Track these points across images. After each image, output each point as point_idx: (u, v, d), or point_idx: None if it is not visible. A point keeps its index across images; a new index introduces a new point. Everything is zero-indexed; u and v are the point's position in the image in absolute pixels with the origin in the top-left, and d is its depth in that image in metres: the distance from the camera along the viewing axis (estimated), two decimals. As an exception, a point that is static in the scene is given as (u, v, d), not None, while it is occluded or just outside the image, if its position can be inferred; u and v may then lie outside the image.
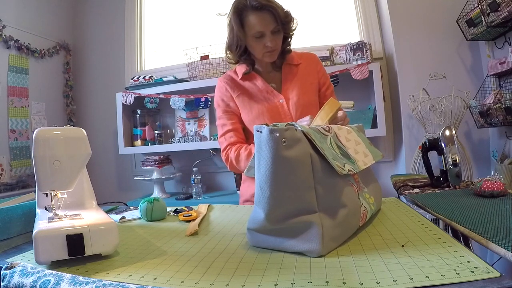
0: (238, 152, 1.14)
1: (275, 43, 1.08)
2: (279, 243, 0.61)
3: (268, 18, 1.04)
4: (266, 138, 0.56)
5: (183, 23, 2.73)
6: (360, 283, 0.45)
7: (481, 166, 2.04)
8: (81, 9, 2.89)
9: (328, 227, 0.58)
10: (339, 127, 0.74)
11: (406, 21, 2.11)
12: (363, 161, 0.71)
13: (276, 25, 1.05)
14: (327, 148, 0.62)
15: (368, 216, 0.70)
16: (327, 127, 0.68)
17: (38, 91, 2.52)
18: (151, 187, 2.50)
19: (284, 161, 0.56)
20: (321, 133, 0.64)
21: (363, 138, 0.80)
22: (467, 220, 0.73)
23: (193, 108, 2.47)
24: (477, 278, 0.44)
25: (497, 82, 1.88)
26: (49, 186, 0.67)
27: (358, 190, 0.69)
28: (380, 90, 2.02)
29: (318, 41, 2.39)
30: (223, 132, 1.20)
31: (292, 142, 0.56)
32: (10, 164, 2.27)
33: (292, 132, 0.57)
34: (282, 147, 0.55)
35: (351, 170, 0.63)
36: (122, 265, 0.58)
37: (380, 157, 0.80)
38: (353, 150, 0.71)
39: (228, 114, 1.21)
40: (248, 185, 1.24)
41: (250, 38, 1.08)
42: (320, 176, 0.59)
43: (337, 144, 0.67)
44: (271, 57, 1.12)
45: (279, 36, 1.10)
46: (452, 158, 1.09)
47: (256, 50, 1.11)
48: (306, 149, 0.58)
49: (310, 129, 0.63)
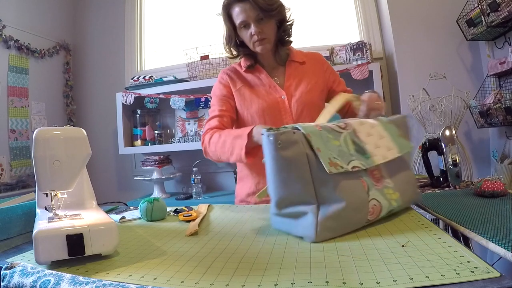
0: (211, 135, 1.10)
1: (260, 31, 1.08)
2: (287, 227, 0.71)
3: (249, 7, 1.06)
4: (265, 141, 0.66)
5: (183, 23, 2.73)
6: (360, 283, 0.45)
7: (481, 166, 2.04)
8: (81, 9, 2.89)
9: (323, 218, 0.65)
10: (361, 122, 0.77)
11: (406, 21, 2.11)
12: (383, 155, 0.73)
13: (258, 13, 1.06)
14: (324, 149, 0.67)
15: (384, 211, 0.71)
16: (344, 124, 0.74)
17: (38, 91, 2.52)
18: (151, 187, 2.50)
19: (280, 160, 0.65)
20: (335, 131, 0.71)
21: (392, 131, 0.79)
22: (467, 220, 0.73)
23: (193, 108, 2.47)
24: (477, 278, 0.44)
25: (497, 82, 1.88)
26: (49, 186, 0.67)
27: (372, 185, 0.70)
28: (380, 90, 2.01)
29: (318, 41, 2.39)
30: (209, 118, 1.18)
31: (287, 144, 0.65)
32: (10, 164, 2.27)
33: (287, 135, 0.65)
34: (277, 148, 0.64)
35: (358, 166, 0.68)
36: (122, 265, 0.58)
37: (409, 149, 0.80)
38: (373, 145, 0.74)
39: (221, 101, 1.18)
40: (242, 185, 1.23)
41: (239, 30, 1.12)
42: (318, 172, 0.66)
43: (354, 140, 0.72)
44: (261, 47, 1.11)
45: (267, 25, 1.09)
46: (452, 158, 1.09)
47: (246, 40, 1.13)
48: (302, 149, 0.66)
49: (315, 129, 0.68)
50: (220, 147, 1.05)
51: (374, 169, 0.72)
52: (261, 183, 1.15)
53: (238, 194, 1.25)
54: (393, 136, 0.78)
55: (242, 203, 1.21)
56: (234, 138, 1.01)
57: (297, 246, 0.63)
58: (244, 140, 0.95)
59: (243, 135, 0.96)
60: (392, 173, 0.76)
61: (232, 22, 1.12)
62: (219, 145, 1.06)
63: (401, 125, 0.84)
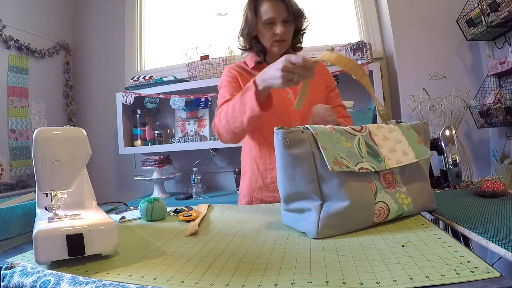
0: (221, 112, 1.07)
1: (284, 32, 1.10)
2: (292, 222, 0.75)
3: (281, 6, 1.09)
4: (276, 138, 0.70)
5: (183, 23, 2.73)
6: (360, 283, 0.45)
7: (481, 166, 2.04)
8: (81, 9, 2.89)
9: (326, 216, 0.67)
10: (379, 125, 0.79)
11: (406, 21, 2.11)
12: (397, 160, 0.74)
13: (287, 15, 1.09)
14: (331, 148, 0.68)
15: (391, 215, 0.71)
16: (360, 127, 0.76)
17: (38, 91, 2.52)
18: (151, 187, 2.50)
19: (287, 157, 0.69)
20: (348, 133, 0.74)
21: (410, 137, 0.79)
22: (467, 220, 0.73)
23: (193, 108, 2.47)
24: (477, 278, 0.43)
25: (497, 82, 1.88)
26: (49, 186, 0.67)
27: (382, 189, 0.70)
28: (380, 90, 2.02)
29: (318, 41, 2.39)
30: (219, 104, 1.14)
31: (294, 142, 0.68)
32: (10, 164, 2.28)
33: (295, 134, 0.69)
34: (285, 145, 0.68)
35: (367, 168, 0.69)
36: (122, 265, 0.58)
37: (427, 156, 0.79)
38: (388, 149, 0.75)
39: (232, 87, 1.16)
40: (245, 180, 1.22)
41: (262, 25, 1.12)
42: (323, 171, 0.68)
43: (368, 143, 0.74)
44: (279, 48, 1.13)
45: (290, 27, 1.13)
46: (452, 158, 1.09)
47: (265, 37, 1.14)
48: (309, 148, 0.69)
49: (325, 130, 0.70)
50: (231, 113, 1.00)
51: (386, 172, 0.73)
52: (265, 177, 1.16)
53: (242, 190, 1.25)
54: (411, 141, 0.79)
55: (245, 199, 1.21)
56: (242, 95, 0.97)
57: (297, 246, 0.63)
58: (251, 90, 0.92)
59: (249, 86, 0.94)
60: (407, 178, 0.76)
61: (257, 15, 1.12)
62: (229, 113, 1.01)
63: (421, 131, 0.83)
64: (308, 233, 0.69)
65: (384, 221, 0.71)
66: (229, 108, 1.02)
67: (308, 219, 0.69)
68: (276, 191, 1.13)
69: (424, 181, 0.80)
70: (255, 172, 1.19)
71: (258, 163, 1.18)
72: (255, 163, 1.19)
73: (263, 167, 1.17)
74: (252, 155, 1.20)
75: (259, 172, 1.18)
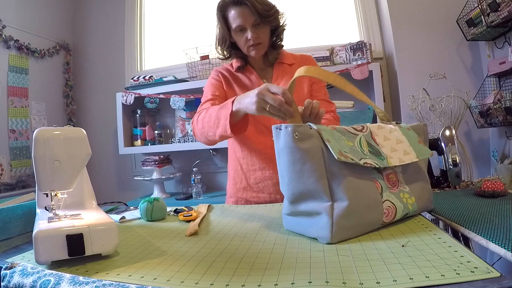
0: (200, 114, 1.08)
1: (256, 36, 1.09)
2: (300, 228, 0.71)
3: (247, 12, 1.06)
4: (283, 133, 0.67)
5: (183, 23, 2.73)
6: (360, 283, 0.45)
7: (481, 166, 2.04)
8: (81, 9, 2.89)
9: (339, 217, 0.64)
10: (380, 126, 0.79)
11: (406, 21, 2.11)
12: (399, 159, 0.74)
13: (255, 19, 1.07)
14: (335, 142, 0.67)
15: (399, 215, 0.71)
16: (361, 126, 0.75)
17: (38, 91, 2.52)
18: (151, 187, 2.50)
19: (296, 151, 0.66)
20: (349, 133, 0.73)
21: (411, 137, 0.80)
22: (467, 220, 0.73)
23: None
24: (477, 278, 0.44)
25: (497, 82, 1.88)
26: (49, 186, 0.67)
27: (386, 188, 0.70)
28: (380, 90, 2.02)
29: (318, 41, 2.39)
30: (201, 103, 1.16)
31: (304, 136, 0.66)
32: (10, 164, 2.28)
33: (305, 128, 0.66)
34: (295, 139, 0.65)
35: (370, 164, 0.68)
36: (122, 265, 0.58)
37: (428, 155, 0.80)
38: (389, 148, 0.75)
39: (214, 87, 1.18)
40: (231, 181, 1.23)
41: (234, 33, 1.12)
42: (332, 167, 0.66)
43: (369, 142, 0.73)
44: (256, 51, 1.12)
45: (262, 29, 1.10)
46: (452, 158, 1.09)
47: (240, 44, 1.13)
48: (318, 143, 0.67)
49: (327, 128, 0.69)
50: (207, 121, 1.02)
51: (389, 172, 0.73)
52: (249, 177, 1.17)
53: (228, 190, 1.25)
54: (411, 141, 0.79)
55: (231, 198, 1.21)
56: (219, 109, 0.97)
57: (297, 246, 0.63)
58: (228, 109, 0.92)
59: (228, 104, 0.94)
60: (409, 179, 0.76)
61: (226, 24, 1.12)
62: (205, 120, 1.03)
63: (421, 132, 0.84)
64: (320, 238, 0.65)
65: (392, 221, 0.71)
66: (207, 115, 1.03)
67: (319, 223, 0.65)
68: (260, 191, 1.15)
69: (425, 181, 0.80)
70: (239, 172, 1.20)
71: (241, 164, 1.19)
72: (239, 164, 1.20)
73: (246, 168, 1.18)
74: (236, 155, 1.21)
75: (243, 172, 1.19)
